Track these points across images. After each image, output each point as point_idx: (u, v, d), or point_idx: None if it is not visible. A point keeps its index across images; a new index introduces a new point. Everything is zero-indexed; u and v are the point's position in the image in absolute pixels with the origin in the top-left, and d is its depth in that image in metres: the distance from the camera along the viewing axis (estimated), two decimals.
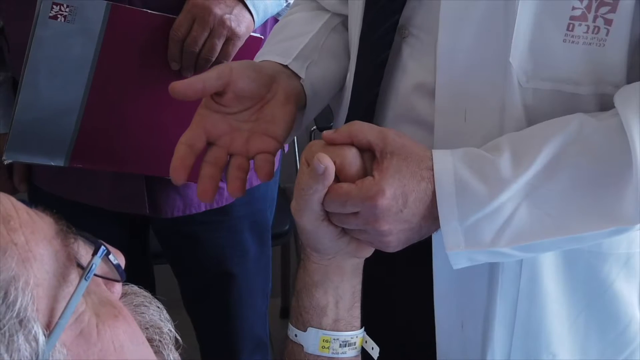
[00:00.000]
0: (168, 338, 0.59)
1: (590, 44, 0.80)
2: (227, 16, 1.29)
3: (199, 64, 1.31)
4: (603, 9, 0.78)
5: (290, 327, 0.83)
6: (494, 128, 0.84)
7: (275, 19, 1.48)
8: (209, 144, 0.88)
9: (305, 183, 0.75)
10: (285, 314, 2.63)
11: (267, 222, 1.66)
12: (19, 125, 1.27)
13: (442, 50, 0.84)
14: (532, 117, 0.83)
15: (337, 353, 0.82)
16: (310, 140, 1.95)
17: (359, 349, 0.84)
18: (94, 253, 0.51)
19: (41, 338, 0.46)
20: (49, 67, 1.23)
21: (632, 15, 0.78)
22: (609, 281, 0.91)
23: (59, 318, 0.47)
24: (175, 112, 1.30)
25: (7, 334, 0.45)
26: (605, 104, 0.82)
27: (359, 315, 0.84)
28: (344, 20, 1.03)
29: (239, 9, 1.32)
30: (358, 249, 0.81)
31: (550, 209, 0.78)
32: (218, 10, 1.29)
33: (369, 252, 0.82)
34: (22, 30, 1.37)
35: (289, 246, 2.56)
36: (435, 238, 0.88)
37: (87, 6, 1.22)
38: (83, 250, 0.52)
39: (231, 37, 1.31)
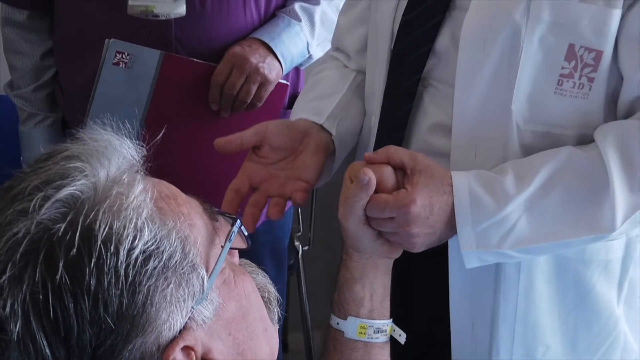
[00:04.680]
0: (273, 297, 0.78)
1: (576, 97, 1.00)
2: (261, 64, 1.50)
3: (236, 105, 1.51)
4: (587, 69, 0.99)
5: (333, 317, 1.00)
6: (498, 161, 1.03)
7: (297, 69, 1.68)
8: (254, 189, 1.09)
9: (352, 192, 0.93)
10: (283, 348, 2.74)
11: (285, 250, 1.84)
12: None
13: (458, 100, 1.04)
14: (528, 153, 1.03)
15: (372, 338, 0.99)
16: None
17: (388, 335, 1.01)
18: (233, 224, 0.70)
19: (205, 279, 0.65)
20: (111, 105, 1.43)
21: (608, 74, 0.99)
22: (592, 283, 1.09)
23: (215, 265, 0.66)
24: (214, 145, 1.49)
25: (185, 274, 0.63)
26: (585, 142, 1.02)
27: (389, 307, 1.01)
28: (364, 78, 1.23)
29: (270, 59, 1.53)
30: (390, 250, 0.99)
31: (545, 220, 0.97)
32: (253, 60, 1.49)
33: (398, 253, 1.01)
34: (77, 74, 1.57)
35: (289, 282, 2.69)
36: (451, 252, 1.07)
37: (144, 55, 1.43)
38: (222, 225, 0.71)
39: (264, 82, 1.51)
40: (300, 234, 2.62)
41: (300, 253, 2.51)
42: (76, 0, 1.53)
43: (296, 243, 2.54)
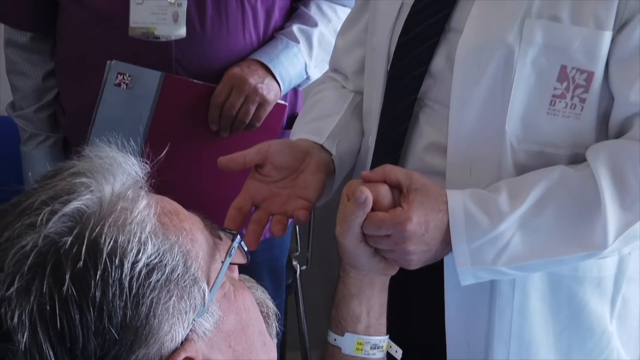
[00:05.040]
0: (272, 311, 0.80)
1: (568, 117, 1.03)
2: (259, 85, 1.53)
3: (235, 125, 1.53)
4: (579, 90, 1.02)
5: (330, 333, 1.02)
6: (493, 179, 1.05)
7: (295, 89, 1.71)
8: (256, 207, 1.11)
9: (349, 210, 0.96)
10: None
11: (283, 269, 1.86)
12: None
13: (453, 120, 1.06)
14: (522, 172, 1.05)
15: (369, 354, 1.00)
16: None
17: (385, 351, 1.03)
18: (233, 239, 0.72)
19: (206, 292, 0.67)
20: (112, 125, 1.45)
21: (599, 94, 1.02)
22: (585, 300, 1.11)
23: (216, 278, 0.68)
24: (213, 165, 1.51)
25: (187, 287, 0.65)
26: (577, 161, 1.05)
27: (385, 324, 1.03)
28: (362, 99, 1.25)
29: (268, 80, 1.55)
30: (386, 267, 1.01)
31: (538, 237, 1.00)
32: (252, 80, 1.52)
33: (394, 270, 1.03)
34: (79, 95, 1.59)
35: (287, 302, 2.69)
36: (447, 270, 1.08)
37: (145, 76, 1.45)
38: (223, 241, 0.73)
39: (262, 103, 1.54)
40: (298, 253, 2.64)
41: (298, 273, 2.52)
42: (78, 23, 1.56)
43: (294, 263, 2.55)
